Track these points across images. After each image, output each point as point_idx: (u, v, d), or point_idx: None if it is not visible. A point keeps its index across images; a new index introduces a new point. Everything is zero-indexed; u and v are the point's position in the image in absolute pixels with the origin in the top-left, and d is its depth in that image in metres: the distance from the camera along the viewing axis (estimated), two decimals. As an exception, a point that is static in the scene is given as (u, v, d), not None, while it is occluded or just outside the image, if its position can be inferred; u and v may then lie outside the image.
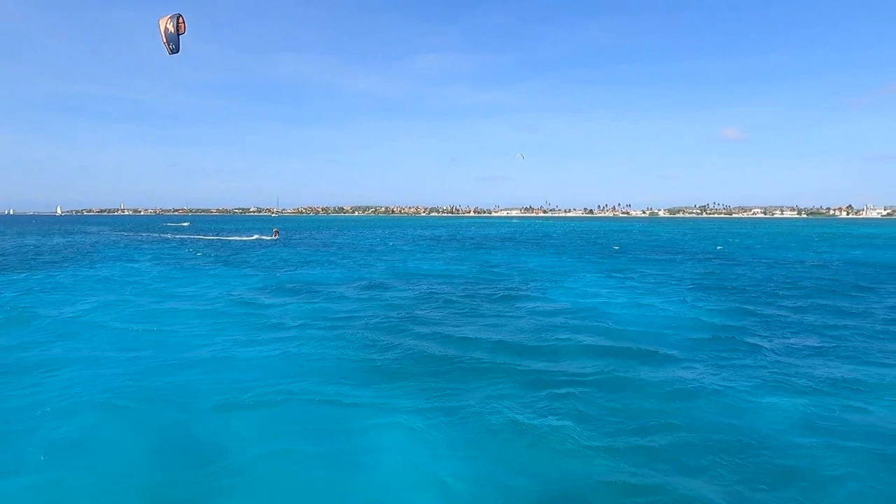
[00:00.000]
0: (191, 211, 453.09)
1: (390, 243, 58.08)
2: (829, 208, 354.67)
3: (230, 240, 60.19)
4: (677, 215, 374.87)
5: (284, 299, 20.13)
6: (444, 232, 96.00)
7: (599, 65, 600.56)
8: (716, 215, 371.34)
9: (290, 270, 29.96)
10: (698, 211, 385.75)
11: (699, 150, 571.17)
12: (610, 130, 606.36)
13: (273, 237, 62.73)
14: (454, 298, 20.44)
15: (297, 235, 74.41)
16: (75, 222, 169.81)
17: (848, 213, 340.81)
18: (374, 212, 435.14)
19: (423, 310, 18.15)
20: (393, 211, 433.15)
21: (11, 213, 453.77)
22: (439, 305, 19.00)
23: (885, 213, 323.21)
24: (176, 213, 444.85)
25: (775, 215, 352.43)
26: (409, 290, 22.59)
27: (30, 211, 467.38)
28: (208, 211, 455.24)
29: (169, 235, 72.09)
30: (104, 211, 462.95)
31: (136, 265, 32.23)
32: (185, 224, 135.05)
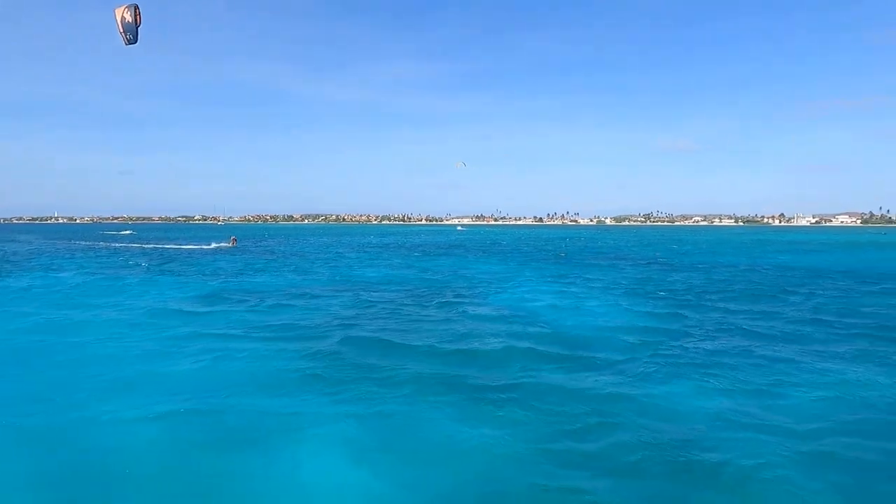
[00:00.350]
0: (131, 219, 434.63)
1: (338, 251, 57.25)
2: (763, 216, 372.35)
3: (186, 248, 57.97)
4: (623, 223, 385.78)
5: (221, 307, 19.44)
6: (394, 240, 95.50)
7: (551, 76, 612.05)
8: (659, 223, 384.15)
9: (233, 278, 29.03)
10: (643, 219, 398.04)
11: (644, 160, 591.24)
12: (561, 140, 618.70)
13: (231, 244, 60.88)
14: (395, 305, 20.21)
15: (243, 243, 72.44)
16: (2, 230, 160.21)
17: (780, 221, 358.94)
18: (324, 220, 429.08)
19: (363, 316, 17.82)
20: (344, 219, 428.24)
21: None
22: (379, 312, 18.72)
23: (813, 220, 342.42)
24: (115, 221, 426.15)
25: (714, 223, 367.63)
26: (351, 296, 22.20)
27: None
28: (150, 219, 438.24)
29: (108, 244, 68.62)
30: (36, 219, 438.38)
31: (62, 275, 30.49)
32: (127, 232, 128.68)
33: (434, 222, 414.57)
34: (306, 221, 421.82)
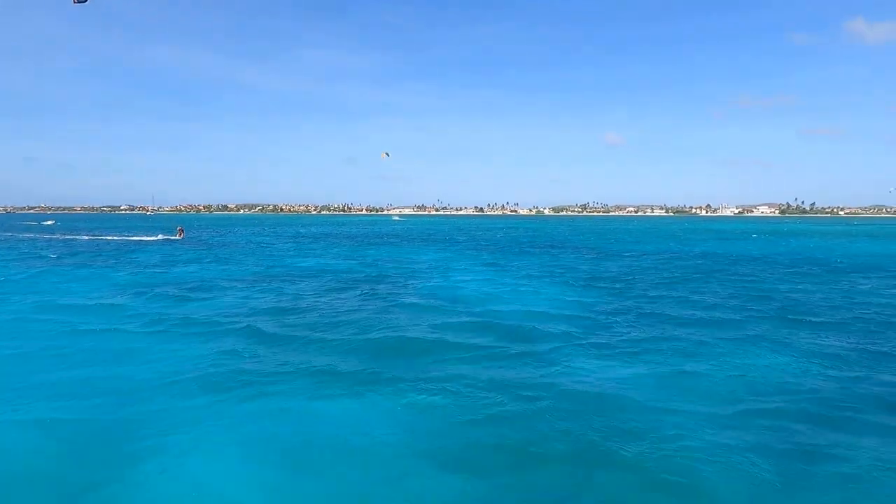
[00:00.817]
0: (50, 209, 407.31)
1: (269, 241, 55.41)
2: (691, 207, 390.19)
3: (131, 240, 53.53)
4: (560, 213, 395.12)
5: (128, 300, 18.14)
6: (332, 230, 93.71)
7: (488, 69, 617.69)
8: (595, 213, 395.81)
9: (150, 269, 27.33)
10: (580, 209, 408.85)
11: (582, 153, 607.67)
12: (500, 133, 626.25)
13: (179, 237, 56.85)
14: (317, 296, 19.52)
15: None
16: None
17: (707, 212, 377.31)
18: (261, 210, 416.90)
19: (279, 309, 17.05)
20: (281, 209, 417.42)
21: None
22: (299, 304, 18.00)
23: (736, 211, 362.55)
24: (32, 210, 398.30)
25: (647, 213, 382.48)
26: (271, 287, 21.31)
27: None
28: (72, 209, 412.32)
29: (29, 235, 63.35)
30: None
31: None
32: (50, 223, 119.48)
33: (375, 212, 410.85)
34: (241, 211, 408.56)
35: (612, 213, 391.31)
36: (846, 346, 12.54)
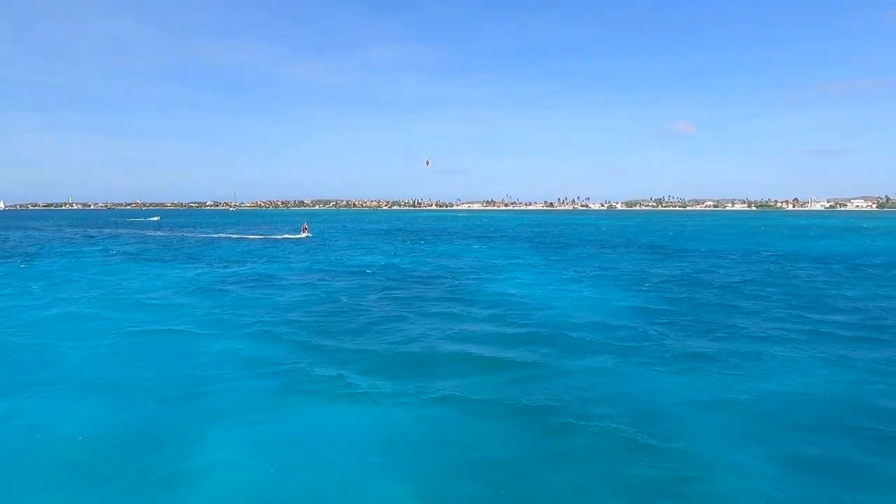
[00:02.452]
0: (144, 205, 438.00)
1: (344, 237, 57.89)
2: (776, 201, 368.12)
3: (273, 238, 53.30)
4: (634, 208, 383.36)
5: (200, 298, 20.13)
6: (402, 225, 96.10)
7: (546, 58, 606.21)
8: (670, 208, 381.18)
9: (230, 267, 29.78)
10: (654, 204, 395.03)
11: (654, 143, 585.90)
12: (564, 124, 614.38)
13: (303, 235, 54.45)
14: (392, 289, 20.81)
15: (262, 229, 73.39)
16: (27, 217, 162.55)
17: (794, 206, 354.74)
18: (334, 205, 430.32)
19: (354, 301, 18.42)
20: (354, 205, 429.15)
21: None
22: (377, 297, 19.32)
23: (827, 205, 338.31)
24: (129, 206, 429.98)
25: (727, 208, 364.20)
26: (348, 281, 22.84)
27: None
28: (163, 205, 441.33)
29: (153, 232, 67.89)
30: (51, 205, 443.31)
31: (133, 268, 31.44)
32: (155, 219, 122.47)
33: (444, 208, 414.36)
34: (317, 207, 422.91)
35: (689, 208, 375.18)
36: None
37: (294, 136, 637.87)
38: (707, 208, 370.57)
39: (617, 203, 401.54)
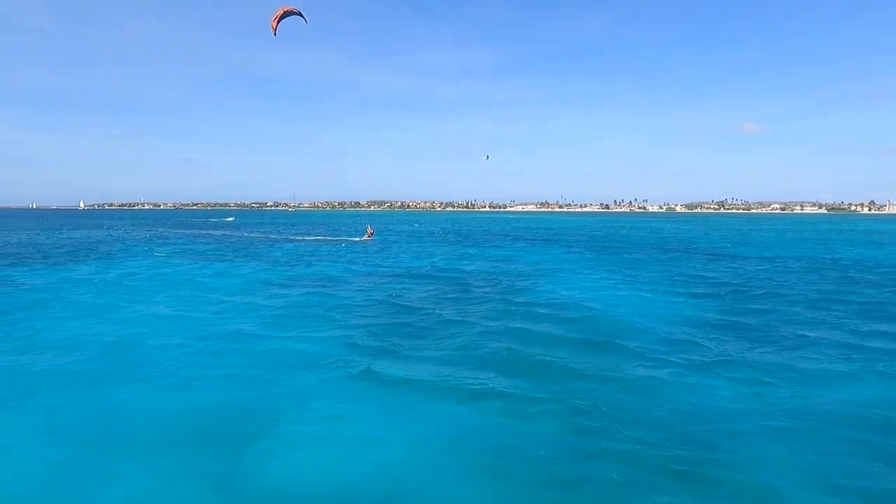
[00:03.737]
0: (209, 205, 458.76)
1: (402, 239, 59.20)
2: (850, 204, 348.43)
3: (322, 240, 55.02)
4: (695, 210, 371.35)
5: (279, 292, 21.35)
6: (457, 227, 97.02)
7: (607, 58, 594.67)
8: (734, 210, 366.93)
9: (298, 267, 31.26)
10: (716, 206, 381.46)
11: (716, 144, 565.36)
12: (623, 125, 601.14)
13: (367, 237, 55.16)
14: (450, 292, 21.50)
15: (301, 229, 75.92)
16: (106, 216, 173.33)
17: (870, 209, 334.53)
18: (389, 206, 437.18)
19: (414, 303, 19.20)
20: (408, 206, 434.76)
21: (34, 206, 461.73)
22: (436, 299, 20.06)
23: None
24: (195, 206, 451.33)
25: (795, 211, 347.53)
26: (408, 283, 23.71)
27: (52, 205, 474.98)
28: (227, 205, 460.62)
29: (230, 232, 72.55)
30: (125, 205, 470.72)
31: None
32: (230, 219, 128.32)
33: (498, 209, 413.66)
34: (372, 208, 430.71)
35: (755, 211, 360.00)
36: None
37: (351, 138, 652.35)
38: (774, 211, 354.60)
39: (676, 205, 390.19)
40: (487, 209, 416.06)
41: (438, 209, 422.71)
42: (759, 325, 16.55)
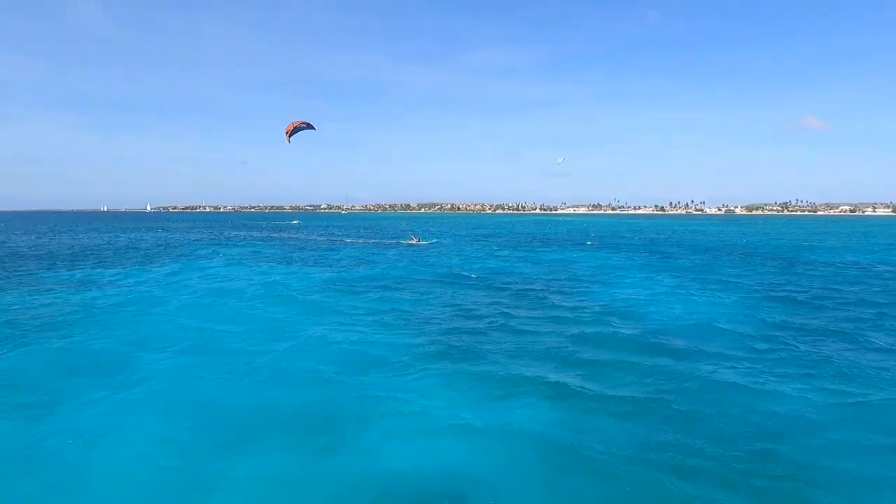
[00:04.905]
0: (266, 208, 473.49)
1: (455, 242, 60.13)
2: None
3: (377, 244, 57.17)
4: (755, 213, 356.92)
5: (341, 296, 22.55)
6: (507, 230, 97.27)
7: (658, 55, 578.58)
8: (798, 213, 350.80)
9: (363, 269, 32.60)
10: (779, 208, 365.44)
11: (778, 142, 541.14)
12: (681, 123, 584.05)
13: (413, 241, 58.85)
14: (507, 296, 22.19)
15: (354, 232, 77.80)
16: (176, 219, 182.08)
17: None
18: (440, 209, 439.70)
19: (472, 306, 20.00)
20: (458, 208, 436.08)
21: (106, 209, 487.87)
22: (494, 302, 20.81)
23: None
24: (252, 209, 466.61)
25: (866, 213, 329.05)
26: (462, 288, 24.54)
27: (122, 208, 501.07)
28: (282, 208, 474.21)
29: (296, 234, 76.53)
30: (188, 208, 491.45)
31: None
32: (295, 223, 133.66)
33: (548, 212, 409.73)
34: (422, 210, 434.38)
35: (821, 213, 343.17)
36: None
37: (401, 139, 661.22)
38: (842, 213, 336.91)
39: (736, 207, 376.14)
40: (538, 211, 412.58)
41: (489, 211, 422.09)
42: (841, 332, 16.25)
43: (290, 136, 30.92)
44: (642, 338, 15.46)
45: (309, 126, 31.46)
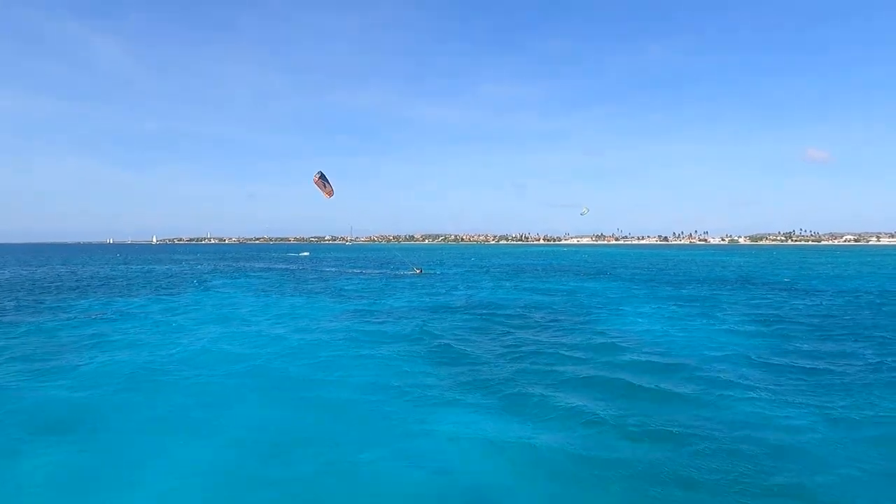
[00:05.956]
0: (271, 239, 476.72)
1: (458, 273, 60.90)
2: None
3: (384, 274, 58.73)
4: (759, 242, 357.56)
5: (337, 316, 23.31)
6: (511, 260, 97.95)
7: (664, 88, 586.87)
8: (802, 242, 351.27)
9: (374, 299, 33.38)
10: (783, 238, 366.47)
11: (781, 172, 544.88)
12: (682, 154, 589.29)
13: (418, 271, 62.18)
14: (514, 326, 22.91)
15: (354, 264, 78.58)
16: (182, 251, 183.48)
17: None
18: (443, 240, 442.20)
19: (483, 332, 20.74)
20: (462, 239, 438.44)
21: (111, 241, 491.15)
22: (505, 332, 21.53)
23: None
24: (258, 241, 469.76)
25: (870, 242, 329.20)
26: (469, 316, 25.27)
27: (127, 240, 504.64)
28: (287, 239, 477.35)
29: (305, 266, 78.26)
30: (193, 240, 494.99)
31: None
32: (305, 254, 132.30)
33: (552, 242, 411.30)
34: (426, 241, 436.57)
35: (825, 243, 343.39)
36: None
37: (406, 172, 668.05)
38: (846, 243, 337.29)
39: (740, 237, 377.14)
40: (542, 242, 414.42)
41: (492, 242, 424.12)
42: (844, 361, 16.56)
43: (326, 188, 33.81)
44: (662, 364, 15.98)
45: (323, 178, 34.05)
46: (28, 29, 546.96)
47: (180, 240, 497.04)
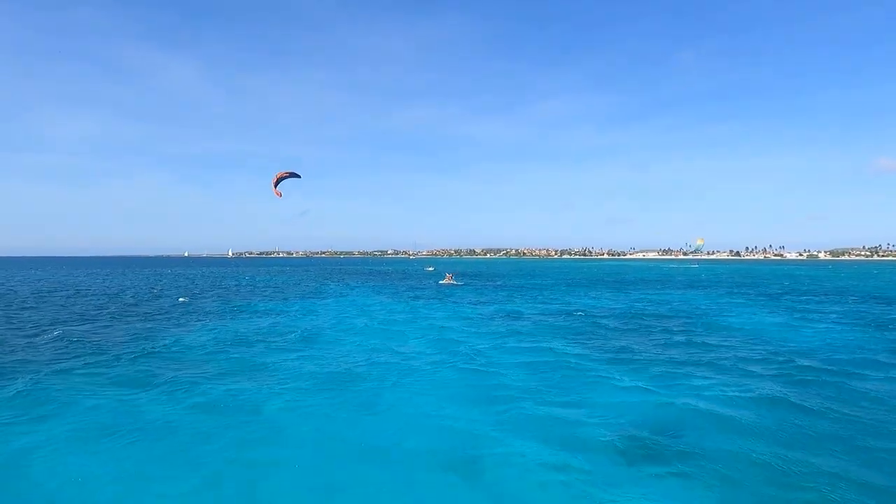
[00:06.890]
0: (336, 253, 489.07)
1: (549, 283, 61.42)
2: None
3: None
4: (841, 258, 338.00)
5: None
6: (595, 275, 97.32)
7: (725, 100, 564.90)
8: (890, 258, 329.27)
9: (472, 304, 34.70)
10: (868, 253, 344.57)
11: (849, 183, 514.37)
12: (751, 167, 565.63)
13: (448, 281, 66.41)
14: (602, 329, 23.60)
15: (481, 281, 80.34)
16: (258, 264, 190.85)
17: None
18: (505, 254, 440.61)
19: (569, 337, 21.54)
20: (524, 253, 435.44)
21: (188, 255, 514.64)
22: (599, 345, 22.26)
23: None
24: (323, 254, 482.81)
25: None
26: (563, 322, 26.08)
27: (203, 253, 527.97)
28: (351, 253, 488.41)
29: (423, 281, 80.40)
30: (263, 253, 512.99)
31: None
32: (431, 269, 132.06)
33: (617, 257, 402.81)
34: (487, 255, 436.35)
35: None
36: None
37: (468, 188, 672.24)
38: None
39: (819, 252, 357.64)
40: (606, 257, 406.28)
41: (554, 255, 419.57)
42: None
43: (276, 185, 33.45)
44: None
45: (293, 175, 33.95)
46: (116, 58, 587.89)
47: (251, 253, 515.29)
